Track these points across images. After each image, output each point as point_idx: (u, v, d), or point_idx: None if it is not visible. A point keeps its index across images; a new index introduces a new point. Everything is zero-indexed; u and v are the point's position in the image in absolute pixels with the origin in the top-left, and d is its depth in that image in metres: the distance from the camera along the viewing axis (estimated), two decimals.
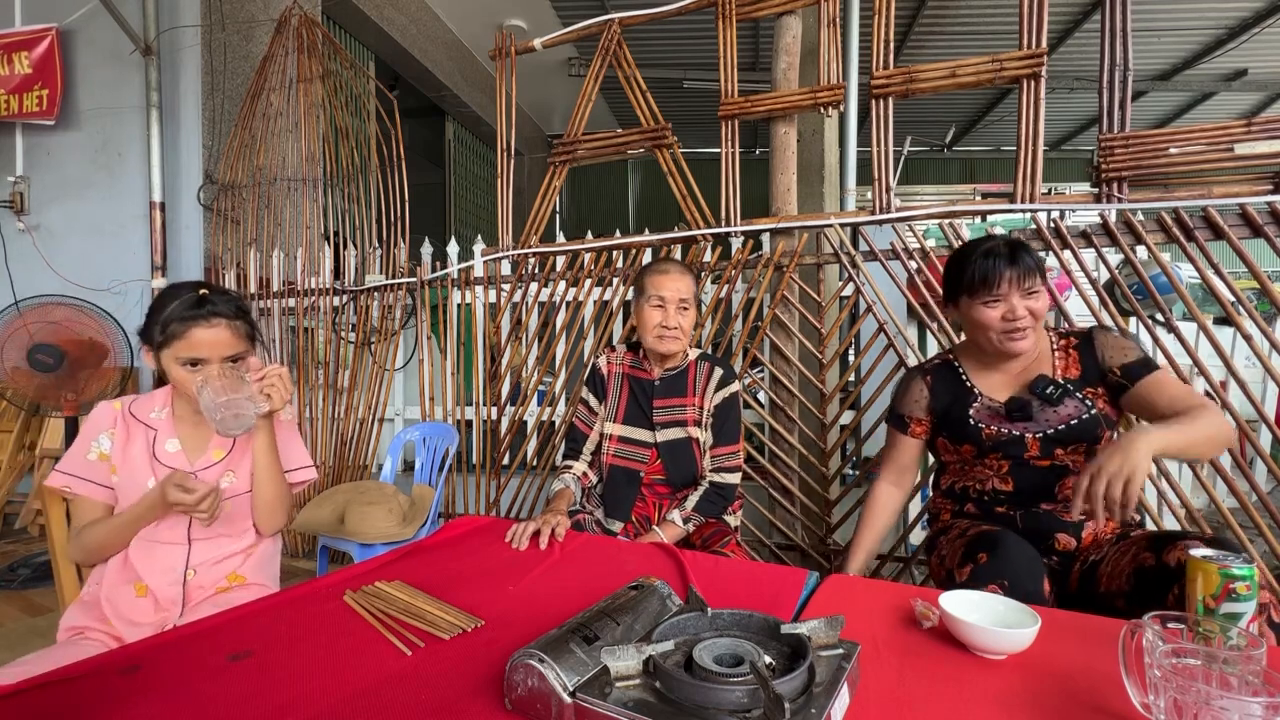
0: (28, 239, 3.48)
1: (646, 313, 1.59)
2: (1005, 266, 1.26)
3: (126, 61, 3.31)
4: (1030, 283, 1.26)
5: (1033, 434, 1.28)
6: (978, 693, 0.72)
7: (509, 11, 5.33)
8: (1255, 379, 2.68)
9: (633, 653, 0.67)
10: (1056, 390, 1.26)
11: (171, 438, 1.25)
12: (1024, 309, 1.26)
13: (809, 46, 2.28)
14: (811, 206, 2.99)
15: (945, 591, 0.90)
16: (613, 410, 1.68)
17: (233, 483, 1.26)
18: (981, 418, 1.34)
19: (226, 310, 1.20)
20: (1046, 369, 1.33)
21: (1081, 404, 1.27)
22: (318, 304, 3.01)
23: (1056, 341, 1.36)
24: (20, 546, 3.07)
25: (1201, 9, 5.10)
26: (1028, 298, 1.27)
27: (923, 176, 8.90)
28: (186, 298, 1.18)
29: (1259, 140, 1.70)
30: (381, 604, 0.94)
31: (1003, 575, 1.10)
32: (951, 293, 1.37)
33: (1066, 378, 1.31)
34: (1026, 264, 1.26)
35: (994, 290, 1.27)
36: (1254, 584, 0.71)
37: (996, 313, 1.28)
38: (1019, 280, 1.26)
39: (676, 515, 1.53)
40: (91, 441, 1.22)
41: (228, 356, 1.20)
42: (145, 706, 0.70)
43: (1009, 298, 1.27)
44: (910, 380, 1.48)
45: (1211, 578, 0.73)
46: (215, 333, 1.17)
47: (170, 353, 1.17)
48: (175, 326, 1.16)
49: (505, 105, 2.65)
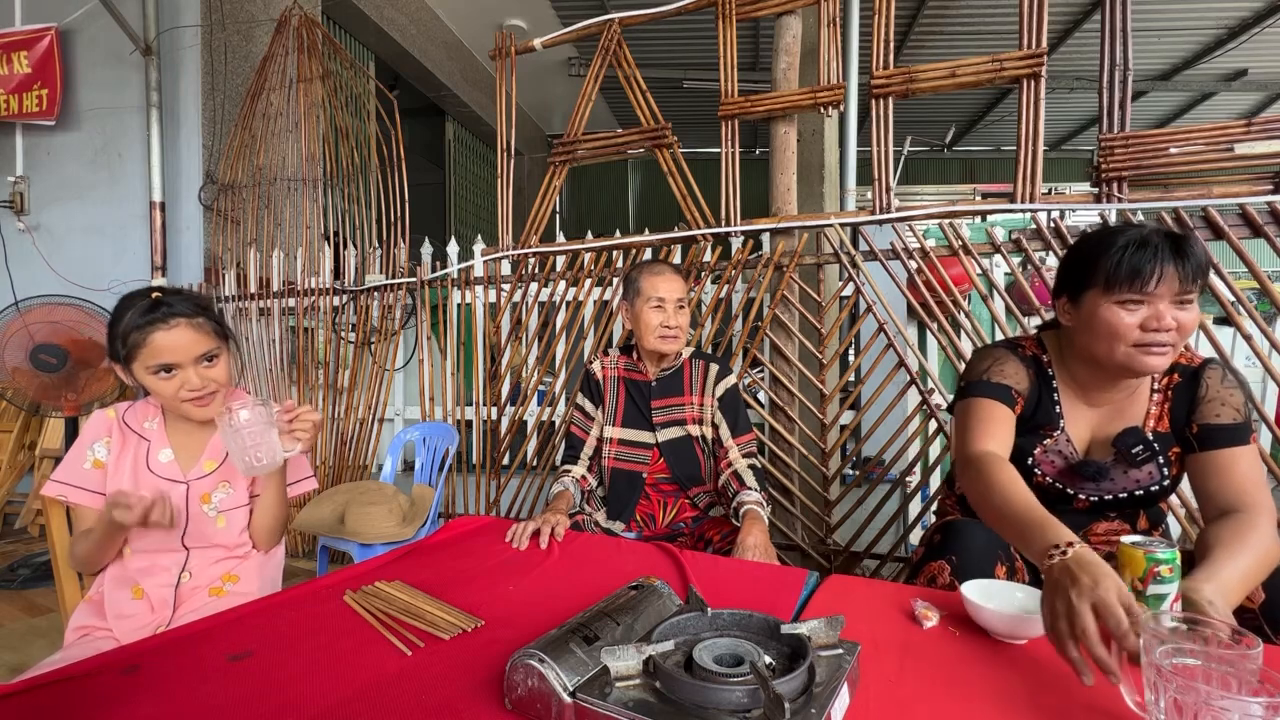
0: (28, 239, 3.49)
1: (647, 314, 1.58)
2: (1169, 260, 0.99)
3: (126, 61, 3.31)
4: (1190, 289, 1.01)
5: (1087, 495, 1.12)
6: (977, 692, 0.72)
7: (509, 11, 5.33)
8: (1255, 379, 2.68)
9: (633, 653, 0.67)
10: (1144, 453, 1.06)
11: (165, 448, 1.23)
12: (1172, 320, 1.01)
13: (809, 46, 2.28)
14: (811, 206, 2.99)
15: (965, 582, 0.90)
16: (611, 414, 1.67)
17: (228, 494, 1.25)
18: (1044, 463, 1.15)
19: (184, 309, 1.15)
20: (1140, 413, 1.11)
21: (1159, 470, 1.09)
22: (318, 304, 3.01)
23: (1159, 378, 1.13)
24: (20, 546, 3.08)
25: (1201, 9, 5.10)
26: (1181, 307, 1.02)
27: (923, 176, 8.90)
28: (140, 305, 1.14)
29: (1259, 140, 1.70)
30: (381, 604, 0.94)
31: (951, 552, 1.09)
32: (1075, 284, 1.09)
33: (1157, 431, 1.11)
34: (1194, 263, 1.00)
35: (1145, 289, 1.01)
36: (1176, 567, 0.77)
37: (1136, 318, 1.02)
38: (1181, 282, 1.00)
39: (756, 496, 1.50)
40: (87, 449, 1.20)
41: (200, 356, 1.16)
42: (145, 706, 0.70)
43: (1158, 302, 1.01)
44: (1003, 353, 1.21)
45: (1138, 562, 0.78)
46: (176, 334, 1.13)
47: (139, 364, 1.14)
48: (134, 335, 1.12)
49: (505, 105, 2.65)
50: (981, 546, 1.10)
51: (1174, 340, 1.02)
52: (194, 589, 1.21)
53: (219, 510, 1.23)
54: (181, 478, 1.22)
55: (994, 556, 1.10)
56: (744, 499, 1.50)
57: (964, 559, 1.08)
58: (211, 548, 1.23)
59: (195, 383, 1.16)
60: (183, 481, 1.22)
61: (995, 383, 1.16)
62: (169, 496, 1.12)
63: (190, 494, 1.22)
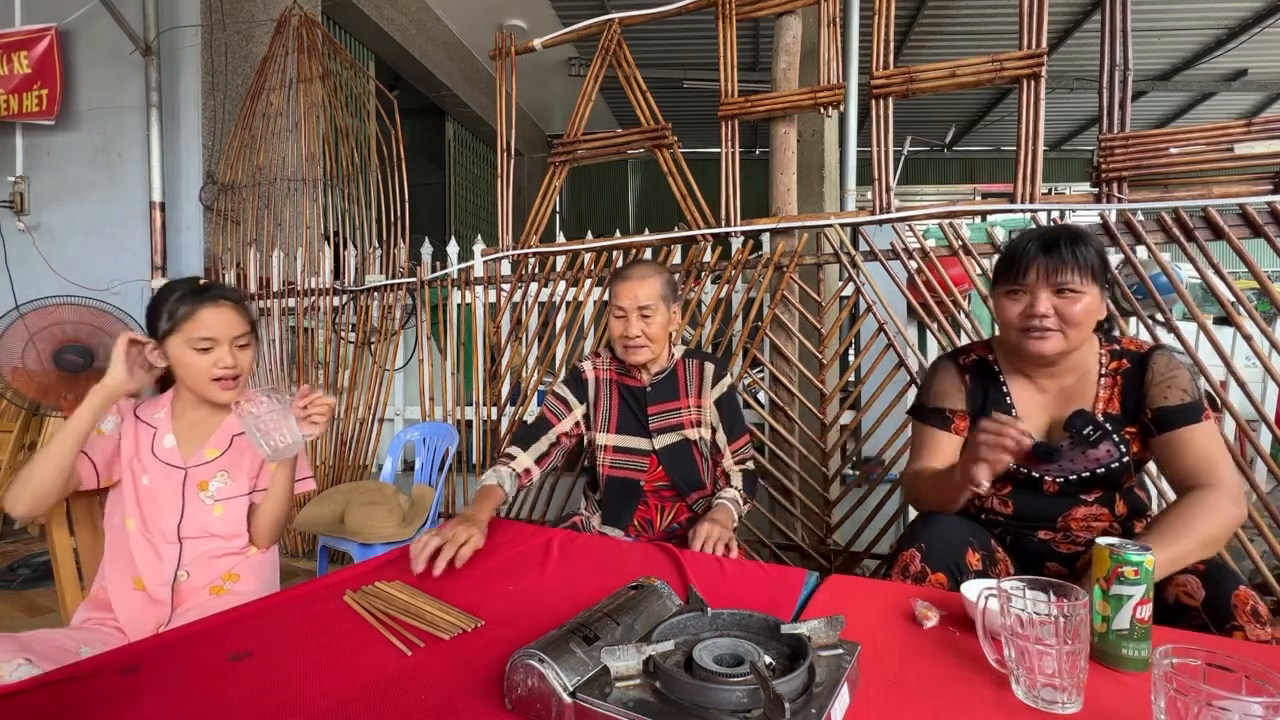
0: (28, 239, 3.48)
1: (611, 324, 1.52)
2: (1038, 254, 1.11)
3: (126, 61, 3.31)
4: (1064, 278, 1.10)
5: (1053, 477, 1.17)
6: (977, 692, 0.72)
7: (509, 11, 5.33)
8: (1255, 379, 2.68)
9: (633, 653, 0.67)
10: (1095, 433, 1.11)
11: (168, 434, 1.26)
12: (1049, 307, 1.11)
13: (809, 46, 2.28)
14: (811, 206, 2.99)
15: (964, 583, 0.91)
16: (605, 421, 1.59)
17: (226, 483, 1.27)
18: None
19: (231, 294, 1.26)
20: (1090, 395, 1.18)
21: (1116, 448, 1.14)
22: (318, 304, 3.01)
23: (1107, 363, 1.19)
24: (20, 546, 3.07)
25: (1201, 9, 5.11)
26: (1061, 296, 1.11)
27: (923, 176, 8.90)
28: (188, 286, 1.23)
29: (1259, 140, 1.70)
30: (381, 604, 0.94)
31: (920, 540, 1.12)
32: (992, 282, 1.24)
33: (1108, 413, 1.16)
34: (1062, 256, 1.10)
35: (1019, 279, 1.13)
36: (1144, 570, 0.77)
37: (1018, 306, 1.14)
38: (1049, 272, 1.10)
39: (734, 494, 1.49)
40: (102, 423, 1.22)
41: (236, 337, 1.24)
42: (145, 706, 0.70)
43: (1037, 290, 1.12)
44: (943, 368, 1.31)
45: (1104, 561, 0.79)
46: (222, 312, 1.22)
47: (180, 336, 1.20)
48: (184, 309, 1.19)
49: (505, 105, 2.65)
50: (950, 534, 1.13)
51: (1056, 326, 1.12)
52: (193, 589, 1.21)
53: (215, 499, 1.25)
54: (181, 464, 1.24)
55: (964, 544, 1.12)
56: (721, 495, 1.49)
57: (932, 547, 1.11)
58: (208, 538, 1.23)
59: (228, 360, 1.23)
60: (181, 468, 1.24)
61: (932, 408, 1.30)
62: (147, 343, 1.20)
63: (188, 480, 1.24)
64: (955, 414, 1.26)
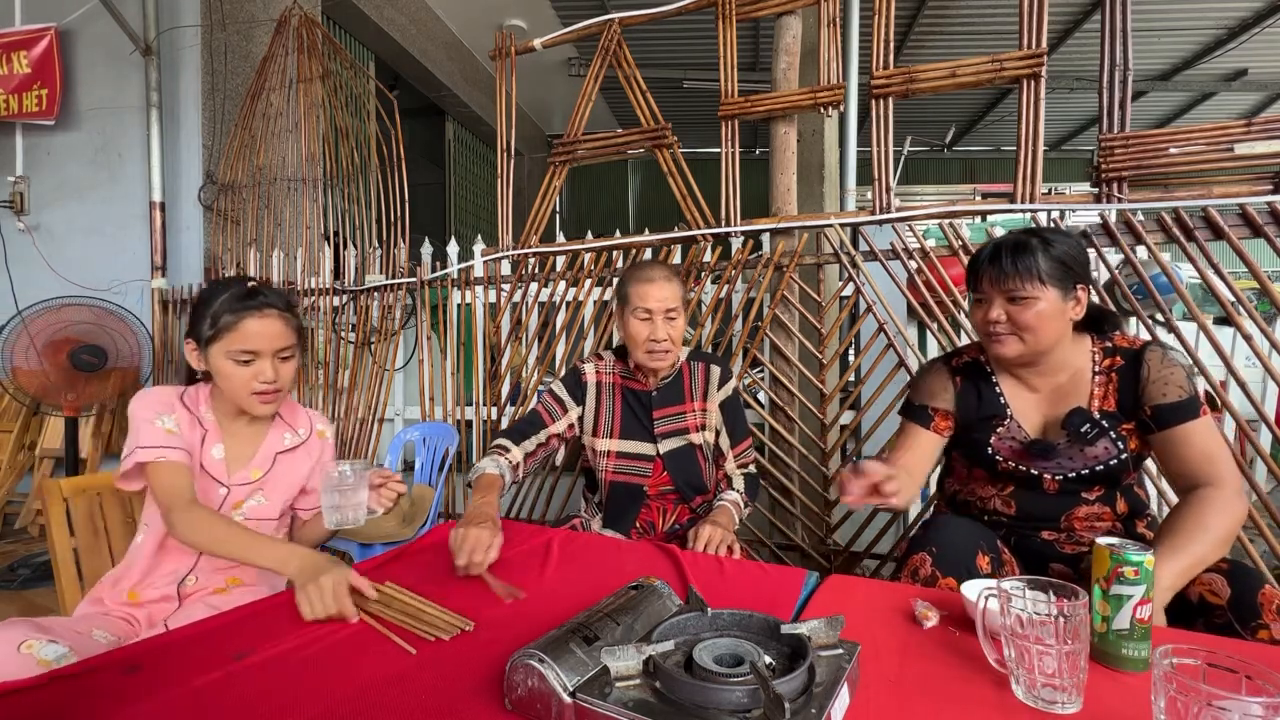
0: (28, 239, 3.48)
1: (633, 326, 1.45)
2: (988, 264, 1.16)
3: (126, 61, 3.31)
4: (1009, 286, 1.13)
5: (1052, 475, 1.18)
6: (977, 692, 0.72)
7: (509, 11, 5.33)
8: (1255, 379, 2.68)
9: (633, 653, 0.67)
10: (1092, 430, 1.13)
11: (218, 443, 1.22)
12: (1000, 314, 1.15)
13: (809, 46, 2.28)
14: (811, 206, 2.99)
15: (965, 582, 0.91)
16: (607, 426, 1.55)
17: (260, 503, 1.24)
18: (1001, 449, 1.22)
19: (278, 302, 1.18)
20: (1084, 393, 1.18)
21: (1113, 444, 1.14)
22: (318, 304, 3.01)
23: (1100, 361, 1.19)
24: (20, 546, 3.07)
25: (1201, 9, 5.11)
26: (1013, 303, 1.14)
27: (923, 176, 8.91)
28: (236, 290, 1.15)
29: (1259, 140, 1.70)
30: (382, 604, 0.94)
31: (931, 544, 1.11)
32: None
33: (1104, 410, 1.17)
34: (1003, 267, 1.13)
35: (977, 288, 1.19)
36: (1144, 570, 0.77)
37: (979, 312, 1.19)
38: (999, 281, 1.15)
39: (735, 496, 1.48)
40: (155, 420, 1.15)
41: (280, 349, 1.17)
42: (146, 706, 0.70)
43: (993, 297, 1.16)
44: (933, 368, 1.33)
45: (1104, 561, 0.79)
46: (268, 323, 1.15)
47: (220, 346, 1.13)
48: (227, 318, 1.13)
49: (505, 105, 2.65)
50: (961, 538, 1.12)
51: (1010, 330, 1.16)
52: (200, 588, 1.21)
53: (246, 518, 1.22)
54: (226, 480, 1.21)
55: (974, 548, 1.12)
56: (723, 497, 1.48)
57: (943, 551, 1.10)
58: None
59: (269, 374, 1.16)
60: (225, 485, 1.21)
61: (915, 404, 1.32)
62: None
63: (228, 499, 1.22)
64: (938, 412, 1.29)
